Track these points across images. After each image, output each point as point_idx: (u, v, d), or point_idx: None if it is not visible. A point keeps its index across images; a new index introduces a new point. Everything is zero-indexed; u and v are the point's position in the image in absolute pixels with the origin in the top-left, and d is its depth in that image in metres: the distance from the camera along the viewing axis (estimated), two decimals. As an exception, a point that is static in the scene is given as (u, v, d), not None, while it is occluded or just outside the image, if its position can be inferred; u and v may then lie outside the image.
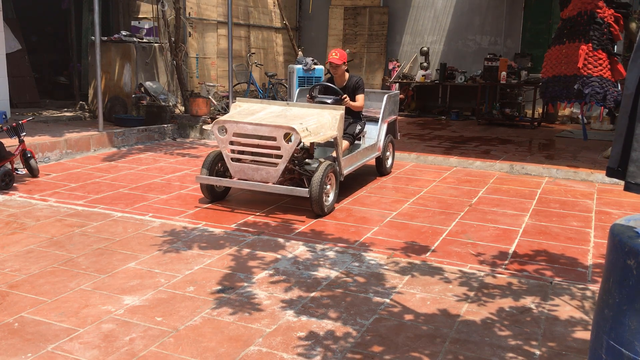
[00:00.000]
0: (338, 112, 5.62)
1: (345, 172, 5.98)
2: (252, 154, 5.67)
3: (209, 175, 5.74)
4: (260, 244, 4.72)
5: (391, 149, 7.52)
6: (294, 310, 3.55)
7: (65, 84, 13.40)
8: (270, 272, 4.15)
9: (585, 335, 3.34)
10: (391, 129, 7.48)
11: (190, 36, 11.83)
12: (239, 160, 5.70)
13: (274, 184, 5.49)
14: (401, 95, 13.82)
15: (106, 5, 11.91)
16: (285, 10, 14.52)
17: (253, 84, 12.97)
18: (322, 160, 5.68)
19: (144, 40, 10.88)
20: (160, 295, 3.71)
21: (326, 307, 3.61)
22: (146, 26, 11.27)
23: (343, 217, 5.55)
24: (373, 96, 7.71)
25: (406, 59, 14.33)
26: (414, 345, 3.17)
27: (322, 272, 4.16)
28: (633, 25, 7.02)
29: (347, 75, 6.62)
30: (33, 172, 6.69)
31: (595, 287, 4.02)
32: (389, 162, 7.49)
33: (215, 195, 5.92)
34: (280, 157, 5.41)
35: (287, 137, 5.34)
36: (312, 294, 3.79)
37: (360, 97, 6.56)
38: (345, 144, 6.13)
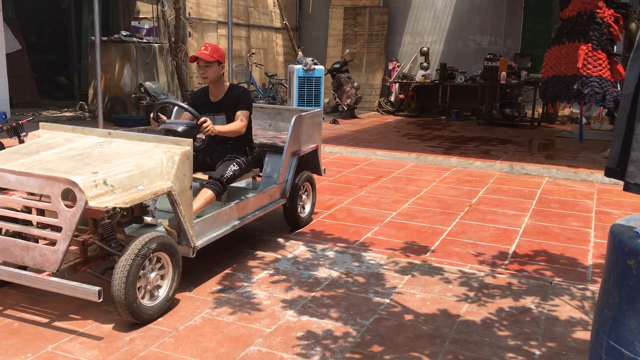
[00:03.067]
0: (179, 150, 3.57)
1: (202, 241, 3.84)
2: (20, 221, 3.45)
3: None
4: (261, 244, 4.72)
5: (309, 192, 5.34)
6: (294, 310, 3.56)
7: (65, 84, 13.42)
8: (271, 272, 4.15)
9: (585, 335, 3.35)
10: (309, 163, 5.36)
11: (190, 36, 11.84)
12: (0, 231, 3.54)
13: (53, 273, 3.20)
14: (401, 95, 13.85)
15: (106, 5, 11.91)
16: (285, 10, 14.53)
17: (253, 84, 12.99)
18: (161, 223, 3.76)
19: (144, 41, 10.90)
20: (160, 295, 3.72)
21: (326, 307, 3.62)
22: (146, 26, 11.29)
23: (343, 217, 5.55)
24: (287, 115, 5.66)
25: (406, 59, 14.33)
26: (414, 345, 3.18)
27: (322, 272, 4.17)
28: (633, 25, 7.02)
29: (226, 83, 4.57)
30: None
31: (595, 287, 4.03)
32: (307, 209, 5.29)
33: None
34: (59, 229, 3.18)
35: (69, 196, 3.23)
36: (312, 294, 3.79)
37: (241, 116, 4.41)
38: (207, 195, 4.13)
